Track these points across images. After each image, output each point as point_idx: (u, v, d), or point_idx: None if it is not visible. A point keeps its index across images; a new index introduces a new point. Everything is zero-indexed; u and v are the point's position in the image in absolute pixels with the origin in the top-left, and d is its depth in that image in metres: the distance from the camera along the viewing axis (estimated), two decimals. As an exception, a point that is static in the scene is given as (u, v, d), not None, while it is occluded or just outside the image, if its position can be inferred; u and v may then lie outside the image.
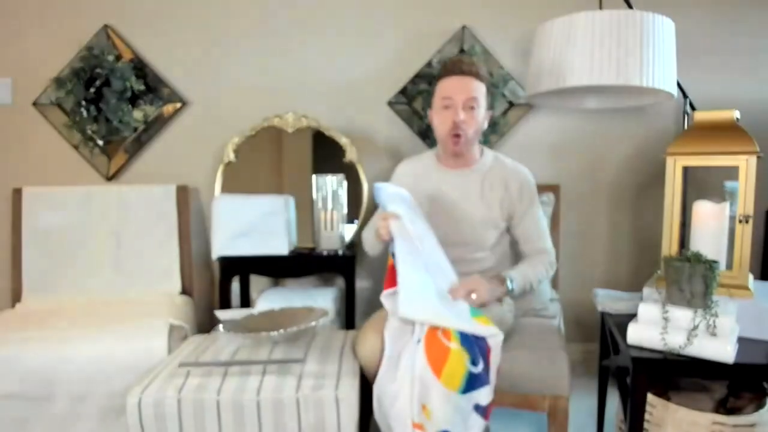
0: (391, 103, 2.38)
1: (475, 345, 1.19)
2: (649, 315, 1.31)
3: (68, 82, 2.26)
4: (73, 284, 2.15)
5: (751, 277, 1.46)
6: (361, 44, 2.37)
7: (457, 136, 1.49)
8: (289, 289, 2.29)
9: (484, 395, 1.18)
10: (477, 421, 1.18)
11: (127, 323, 1.78)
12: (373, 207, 1.87)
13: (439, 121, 1.52)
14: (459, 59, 1.53)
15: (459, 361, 1.16)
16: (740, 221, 1.43)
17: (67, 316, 1.89)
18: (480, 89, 1.50)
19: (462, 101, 1.47)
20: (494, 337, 1.24)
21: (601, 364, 1.74)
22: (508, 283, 1.44)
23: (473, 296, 1.34)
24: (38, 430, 1.64)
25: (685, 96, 2.19)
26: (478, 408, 1.18)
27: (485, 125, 1.57)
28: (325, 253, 2.10)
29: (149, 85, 2.32)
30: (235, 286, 2.20)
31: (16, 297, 2.16)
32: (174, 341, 1.75)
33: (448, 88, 1.49)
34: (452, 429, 1.15)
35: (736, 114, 1.50)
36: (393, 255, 1.30)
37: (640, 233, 2.44)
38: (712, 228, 1.45)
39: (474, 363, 1.16)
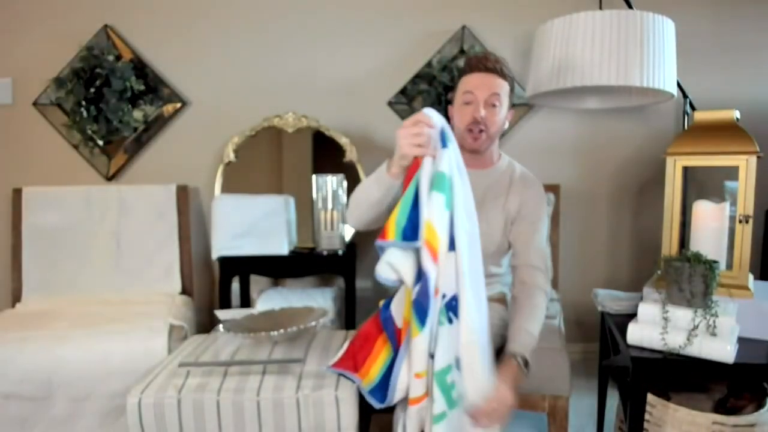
0: (391, 103, 2.38)
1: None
2: (649, 315, 1.31)
3: (68, 82, 2.26)
4: (73, 284, 2.15)
5: (751, 277, 1.46)
6: (361, 44, 2.37)
7: (478, 132, 1.41)
8: (289, 289, 2.29)
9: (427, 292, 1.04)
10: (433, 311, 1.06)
11: (126, 323, 1.78)
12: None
13: (459, 116, 1.45)
14: (485, 56, 1.46)
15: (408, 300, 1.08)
16: (740, 221, 1.43)
17: (67, 316, 1.89)
18: (504, 87, 1.43)
19: (484, 98, 1.40)
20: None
21: (601, 364, 1.74)
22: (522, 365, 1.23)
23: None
24: (38, 430, 1.64)
25: (685, 96, 2.19)
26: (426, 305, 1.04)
27: (507, 125, 1.50)
28: (325, 253, 2.10)
29: (149, 85, 2.32)
30: (235, 286, 2.20)
31: (16, 297, 2.16)
32: (174, 341, 1.75)
33: (471, 83, 1.43)
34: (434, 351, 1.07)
35: (736, 114, 1.50)
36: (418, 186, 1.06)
37: (640, 233, 2.44)
38: (712, 228, 1.45)
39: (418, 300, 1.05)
